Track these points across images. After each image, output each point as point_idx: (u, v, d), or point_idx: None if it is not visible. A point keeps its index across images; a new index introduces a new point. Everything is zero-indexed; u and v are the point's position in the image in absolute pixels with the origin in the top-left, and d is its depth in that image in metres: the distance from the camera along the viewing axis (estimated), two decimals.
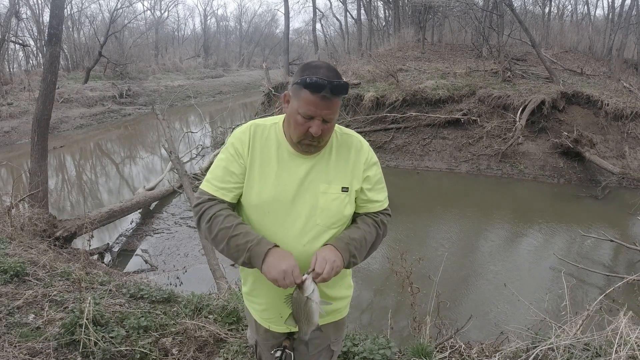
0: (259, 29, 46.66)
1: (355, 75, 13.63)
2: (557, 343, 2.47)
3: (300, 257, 1.39)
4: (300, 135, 1.36)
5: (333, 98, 1.31)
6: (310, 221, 1.41)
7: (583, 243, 6.78)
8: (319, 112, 1.32)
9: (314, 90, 1.29)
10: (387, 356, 2.62)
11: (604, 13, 26.49)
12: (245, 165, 1.43)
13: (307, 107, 1.31)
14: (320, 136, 1.35)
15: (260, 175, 1.42)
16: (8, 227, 4.96)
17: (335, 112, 1.35)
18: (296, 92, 1.34)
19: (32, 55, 24.43)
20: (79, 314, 2.66)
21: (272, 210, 1.42)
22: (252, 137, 1.45)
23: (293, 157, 1.44)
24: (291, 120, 1.37)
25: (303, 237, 1.41)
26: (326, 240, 1.44)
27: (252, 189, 1.42)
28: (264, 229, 1.43)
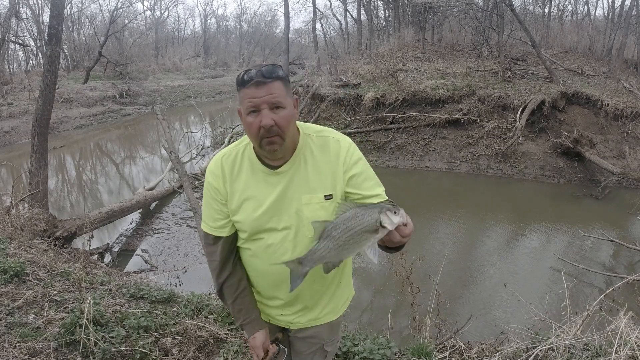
0: (259, 29, 46.67)
1: (355, 75, 13.64)
2: (557, 343, 2.47)
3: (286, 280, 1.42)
4: (257, 136, 1.30)
5: (268, 81, 1.27)
6: (300, 234, 1.39)
7: (583, 243, 6.78)
8: (260, 100, 1.26)
9: (247, 81, 1.27)
10: (387, 356, 2.62)
11: (604, 13, 26.52)
12: (226, 198, 1.44)
13: (249, 101, 1.28)
14: (277, 126, 1.28)
15: (242, 204, 1.42)
16: (8, 227, 4.96)
17: (281, 95, 1.29)
18: (240, 98, 1.32)
19: (32, 55, 24.45)
20: (79, 314, 2.66)
21: (262, 232, 1.42)
22: (223, 170, 1.45)
23: (268, 176, 1.41)
24: (247, 129, 1.32)
25: (296, 250, 1.40)
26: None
27: (239, 220, 1.43)
28: (262, 248, 1.44)
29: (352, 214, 1.10)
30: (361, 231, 1.10)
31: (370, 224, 1.09)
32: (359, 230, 1.10)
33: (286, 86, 1.33)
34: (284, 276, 1.41)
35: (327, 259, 1.15)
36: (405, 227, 1.11)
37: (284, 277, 1.41)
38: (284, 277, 1.40)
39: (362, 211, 1.10)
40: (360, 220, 1.09)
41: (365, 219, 1.09)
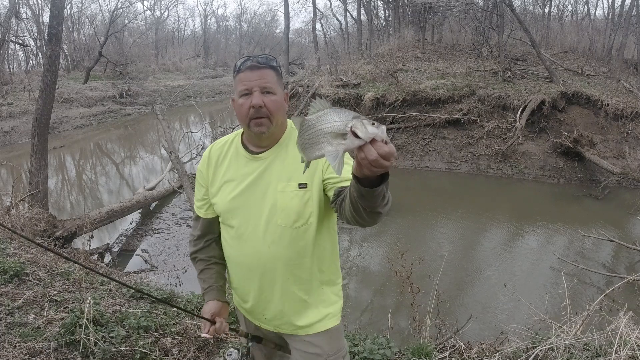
0: (259, 29, 46.69)
1: (355, 75, 13.64)
2: (557, 343, 2.47)
3: (267, 259, 1.43)
4: (246, 116, 1.37)
5: (262, 67, 1.36)
6: (272, 222, 1.40)
7: (583, 243, 6.78)
8: (253, 83, 1.34)
9: (242, 66, 1.37)
10: (387, 356, 2.62)
11: (604, 13, 26.52)
12: (207, 182, 1.54)
13: (243, 84, 1.36)
14: (267, 108, 1.35)
15: (221, 187, 1.49)
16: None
17: (272, 82, 1.37)
18: (235, 84, 1.40)
19: (32, 55, 24.46)
20: (79, 314, 2.66)
21: (234, 217, 1.46)
22: (210, 155, 1.56)
23: (249, 162, 1.46)
24: (238, 111, 1.39)
25: (266, 238, 1.41)
26: (291, 240, 1.42)
27: (216, 202, 1.51)
28: (234, 236, 1.48)
29: (322, 113, 0.97)
30: (324, 132, 0.95)
31: (337, 125, 0.93)
32: (321, 130, 0.95)
33: (278, 77, 1.41)
34: (253, 266, 1.44)
35: (301, 152, 1.05)
36: (385, 145, 0.91)
37: (254, 268, 1.45)
38: (254, 267, 1.44)
39: (333, 111, 0.95)
40: (329, 119, 0.94)
41: (333, 118, 0.94)
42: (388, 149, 0.91)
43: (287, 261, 1.42)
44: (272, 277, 1.44)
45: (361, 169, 0.95)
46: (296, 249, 1.42)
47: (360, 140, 0.91)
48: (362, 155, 0.92)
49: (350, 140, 0.92)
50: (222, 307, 1.58)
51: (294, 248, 1.42)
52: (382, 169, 0.93)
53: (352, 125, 0.92)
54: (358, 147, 0.92)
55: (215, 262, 1.61)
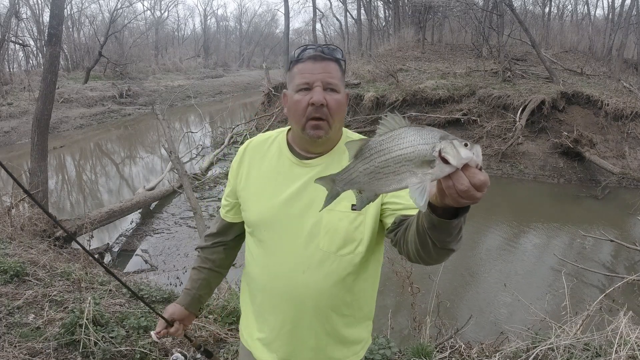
0: (259, 29, 46.71)
1: (355, 75, 13.64)
2: (557, 343, 2.47)
3: (299, 288, 1.20)
4: (303, 115, 1.16)
5: (326, 60, 1.17)
6: (312, 244, 1.18)
7: (583, 243, 6.78)
8: (315, 77, 1.15)
9: (304, 55, 1.18)
10: (387, 356, 2.62)
11: (604, 13, 26.53)
12: (237, 183, 1.33)
13: (302, 76, 1.16)
14: (328, 108, 1.15)
15: (256, 193, 1.27)
16: (8, 227, 4.97)
17: (337, 78, 1.18)
18: (290, 77, 1.21)
19: (32, 55, 24.48)
20: (79, 314, 2.66)
21: (267, 230, 1.25)
22: (245, 152, 1.34)
23: (294, 166, 1.24)
24: (292, 109, 1.19)
25: (302, 263, 1.19)
26: (333, 270, 1.18)
27: (247, 209, 1.29)
28: (262, 254, 1.27)
29: (399, 133, 0.79)
30: (404, 159, 0.77)
31: (422, 150, 0.76)
32: (401, 157, 0.77)
33: (342, 72, 1.22)
34: (281, 294, 1.23)
35: (359, 185, 0.86)
36: (480, 172, 0.75)
37: (281, 296, 1.23)
38: (282, 295, 1.23)
39: (413, 131, 0.78)
40: (408, 141, 0.77)
41: (415, 141, 0.76)
42: (483, 177, 0.74)
43: (323, 293, 1.20)
44: (302, 309, 1.21)
45: (443, 199, 0.78)
46: (336, 280, 1.19)
47: (451, 167, 0.75)
48: (450, 184, 0.75)
49: (439, 168, 0.75)
50: (187, 316, 1.45)
51: (333, 279, 1.19)
52: (472, 201, 0.75)
53: (441, 148, 0.75)
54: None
55: (210, 269, 1.45)
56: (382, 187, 0.82)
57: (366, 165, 0.82)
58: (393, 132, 0.80)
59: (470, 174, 0.74)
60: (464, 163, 0.74)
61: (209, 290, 1.49)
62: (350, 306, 1.25)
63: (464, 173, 0.74)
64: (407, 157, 0.77)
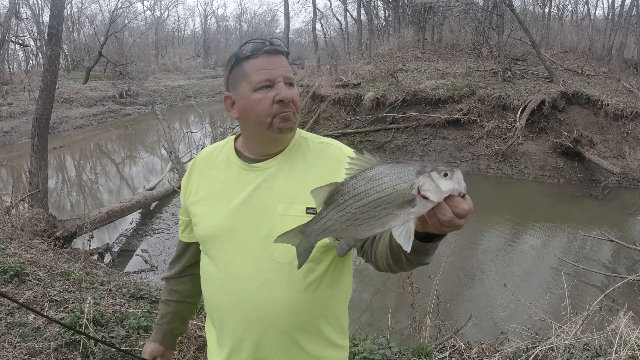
0: (259, 29, 46.71)
1: (355, 75, 13.64)
2: (557, 343, 2.47)
3: (254, 304, 1.08)
4: (268, 113, 1.06)
5: (280, 53, 1.08)
6: (265, 255, 1.06)
7: (583, 243, 6.78)
8: (276, 72, 1.05)
9: (255, 50, 1.06)
10: (387, 356, 2.62)
11: (604, 13, 26.52)
12: (187, 198, 1.23)
13: (260, 72, 1.05)
14: (293, 102, 1.07)
15: (205, 206, 1.17)
16: (8, 227, 4.96)
17: (291, 71, 1.10)
18: (237, 77, 1.09)
19: (32, 55, 24.50)
20: (79, 314, 2.66)
21: (217, 244, 1.13)
22: (194, 166, 1.24)
23: (243, 172, 1.13)
24: (252, 109, 1.07)
25: (256, 276, 1.07)
26: (291, 282, 1.06)
27: (197, 224, 1.19)
28: (213, 271, 1.16)
29: (373, 174, 0.73)
30: (384, 202, 0.72)
31: (399, 190, 0.71)
32: (380, 200, 0.72)
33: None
34: (236, 312, 1.11)
35: (335, 233, 0.79)
36: (464, 201, 0.72)
37: (237, 314, 1.11)
38: (238, 313, 1.11)
39: (390, 170, 0.72)
40: (385, 183, 0.72)
41: (392, 181, 0.71)
42: (467, 207, 0.71)
43: (283, 310, 1.07)
44: (262, 329, 1.09)
45: (424, 227, 0.76)
46: (296, 293, 1.08)
47: (433, 202, 0.71)
48: (432, 215, 0.72)
49: (421, 205, 0.71)
50: (164, 350, 1.38)
51: (293, 292, 1.07)
52: (455, 229, 0.73)
53: (419, 186, 0.71)
54: None
55: (178, 301, 1.35)
56: (363, 233, 0.77)
57: (341, 212, 0.77)
58: (366, 173, 0.75)
59: (454, 205, 0.71)
60: (446, 195, 0.71)
61: (181, 322, 1.40)
62: (316, 322, 1.13)
63: (447, 204, 0.71)
64: (387, 200, 0.72)
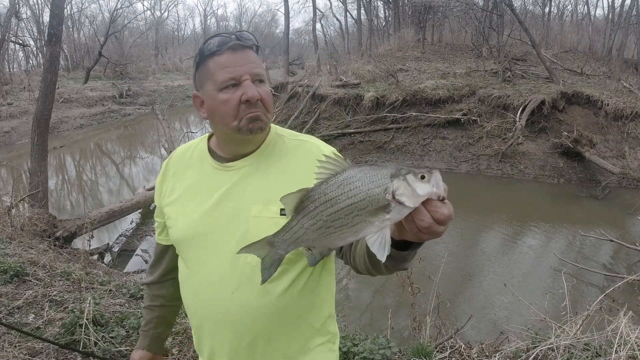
0: (259, 29, 46.70)
1: (355, 75, 13.63)
2: (557, 343, 2.47)
3: (229, 310, 1.04)
4: (235, 114, 1.00)
5: (246, 48, 1.01)
6: (239, 258, 0.98)
7: (583, 243, 6.78)
8: (241, 70, 0.99)
9: (220, 46, 1.00)
10: (387, 356, 2.62)
11: (604, 13, 26.54)
12: (161, 199, 1.18)
13: (225, 71, 0.99)
14: (262, 102, 1.01)
15: (179, 207, 1.13)
16: (8, 227, 4.97)
17: (260, 66, 1.03)
18: (203, 75, 1.03)
19: (32, 55, 24.50)
20: (79, 314, 2.66)
21: (192, 247, 1.09)
22: (168, 166, 1.19)
23: (217, 172, 1.09)
24: (218, 110, 1.02)
25: (230, 280, 1.03)
26: (265, 286, 1.00)
27: (171, 226, 1.14)
28: (188, 274, 1.13)
29: (344, 178, 0.69)
30: (356, 208, 0.67)
31: (372, 195, 0.66)
32: (352, 207, 0.67)
33: (261, 59, 1.07)
34: (212, 317, 1.07)
35: (307, 242, 0.75)
36: (443, 205, 0.66)
37: (213, 319, 1.07)
38: (214, 318, 1.07)
39: (362, 173, 0.68)
40: (357, 187, 0.67)
41: (364, 186, 0.67)
42: (447, 211, 0.66)
43: (259, 315, 1.03)
44: (238, 336, 1.05)
45: (402, 234, 0.72)
46: (273, 298, 1.03)
47: (409, 207, 0.66)
48: (409, 221, 0.68)
49: (397, 211, 0.66)
50: (153, 356, 1.33)
51: (269, 297, 1.03)
52: (434, 236, 0.68)
53: (393, 190, 0.66)
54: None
55: (162, 305, 1.31)
56: (336, 242, 0.72)
57: (312, 220, 0.72)
58: (337, 177, 0.70)
59: (432, 210, 0.66)
60: (424, 200, 0.66)
61: (167, 326, 1.36)
62: (297, 324, 1.07)
63: (425, 209, 0.66)
64: (359, 206, 0.67)
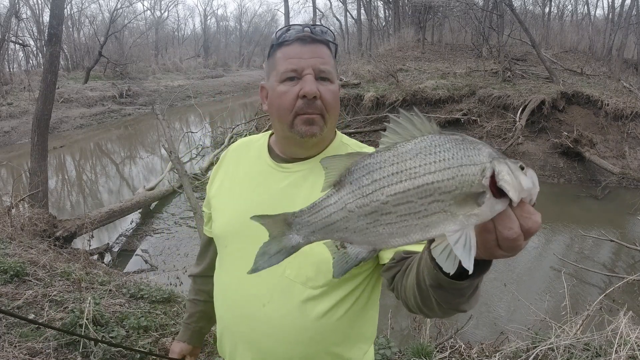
0: (259, 29, 46.74)
1: (355, 75, 13.63)
2: (557, 343, 2.47)
3: (255, 325, 0.96)
4: (291, 110, 0.93)
5: (316, 42, 0.95)
6: (275, 268, 0.76)
7: (583, 243, 6.78)
8: (305, 62, 0.92)
9: (289, 37, 0.95)
10: (387, 356, 2.62)
11: (604, 13, 26.55)
12: (209, 190, 1.15)
13: (289, 62, 0.93)
14: (322, 101, 0.93)
15: (225, 201, 1.08)
16: (8, 227, 4.96)
17: (330, 64, 0.96)
18: (270, 65, 0.99)
19: (32, 55, 24.48)
20: (79, 314, 2.66)
21: (228, 244, 1.04)
22: (225, 157, 1.16)
23: (271, 171, 1.02)
24: (275, 103, 0.96)
25: (262, 292, 0.95)
26: (302, 303, 0.92)
27: (215, 219, 1.10)
28: (220, 274, 1.08)
29: (427, 144, 0.50)
30: (439, 190, 0.48)
31: (465, 175, 0.49)
32: (433, 187, 0.48)
33: (334, 59, 0.99)
34: (239, 329, 1.01)
35: (343, 233, 0.54)
36: (534, 212, 0.52)
37: (239, 331, 1.01)
38: (240, 330, 1.01)
39: (452, 142, 0.50)
40: (446, 160, 0.49)
41: (455, 159, 0.49)
42: (538, 219, 0.52)
43: (290, 338, 0.94)
44: (260, 354, 0.98)
45: (482, 248, 0.55)
46: (308, 321, 0.93)
47: (504, 203, 0.50)
48: (489, 229, 0.52)
49: (489, 205, 0.49)
50: (192, 350, 1.34)
51: (304, 319, 0.93)
52: (513, 252, 0.53)
53: (495, 173, 0.49)
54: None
55: (206, 301, 1.27)
56: (389, 239, 0.51)
57: (363, 200, 0.51)
58: (415, 141, 0.51)
59: (525, 215, 0.51)
60: (524, 196, 0.50)
61: (208, 321, 1.34)
62: (334, 349, 0.97)
63: (515, 213, 0.51)
64: (444, 188, 0.48)
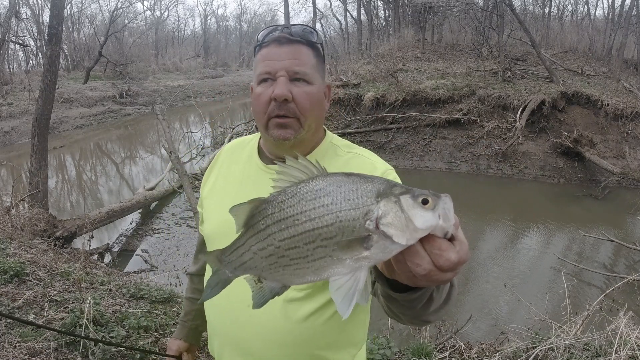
0: (259, 29, 46.64)
1: (355, 75, 13.64)
2: (557, 343, 2.47)
3: (244, 325, 0.95)
4: (264, 111, 0.93)
5: (295, 43, 0.93)
6: None
7: (583, 243, 6.78)
8: (279, 65, 0.91)
9: (266, 37, 0.95)
10: (387, 356, 2.61)
11: (604, 13, 26.54)
12: (202, 190, 1.15)
13: (264, 64, 0.93)
14: (296, 103, 0.91)
15: (216, 202, 1.07)
16: (8, 227, 4.96)
17: (308, 65, 0.93)
18: (254, 66, 0.99)
19: (32, 55, 24.51)
20: (79, 314, 2.66)
21: (215, 245, 0.96)
22: (218, 157, 1.16)
23: (260, 172, 1.02)
24: (253, 105, 0.97)
25: (247, 294, 0.87)
26: (286, 309, 0.91)
27: (206, 220, 1.12)
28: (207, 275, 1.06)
29: (309, 189, 0.48)
30: (320, 237, 0.47)
31: (346, 220, 0.46)
32: (313, 233, 0.47)
33: (318, 59, 0.96)
34: (225, 333, 1.00)
35: (254, 271, 0.56)
36: (450, 246, 0.51)
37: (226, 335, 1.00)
38: (226, 335, 1.00)
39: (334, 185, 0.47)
40: (325, 206, 0.46)
41: (335, 204, 0.46)
42: (455, 257, 0.49)
43: (275, 339, 0.94)
44: (251, 355, 0.97)
45: (392, 274, 0.55)
46: (293, 324, 0.93)
47: (399, 245, 0.46)
48: (401, 262, 0.50)
49: (381, 247, 0.46)
50: (189, 347, 1.37)
51: (289, 322, 0.93)
52: (436, 283, 0.52)
53: (378, 215, 0.45)
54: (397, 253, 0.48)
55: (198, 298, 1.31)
56: (291, 278, 0.52)
57: (262, 243, 0.51)
58: (299, 187, 0.48)
59: (435, 251, 0.48)
60: (423, 235, 0.47)
61: (203, 319, 1.30)
62: (321, 352, 0.96)
63: (424, 249, 0.48)
64: (324, 234, 0.46)
